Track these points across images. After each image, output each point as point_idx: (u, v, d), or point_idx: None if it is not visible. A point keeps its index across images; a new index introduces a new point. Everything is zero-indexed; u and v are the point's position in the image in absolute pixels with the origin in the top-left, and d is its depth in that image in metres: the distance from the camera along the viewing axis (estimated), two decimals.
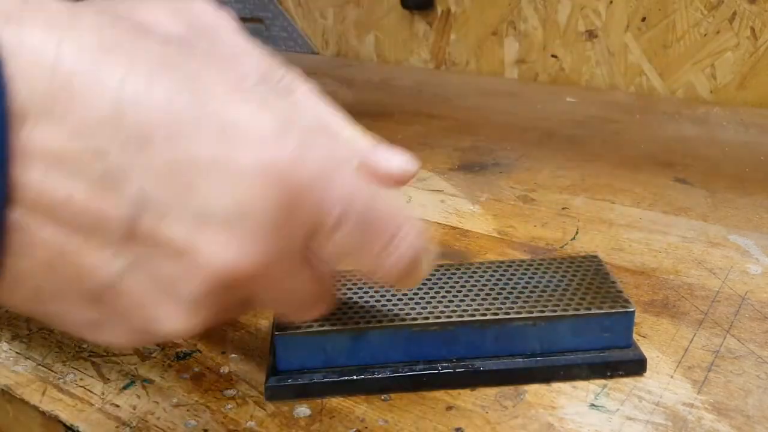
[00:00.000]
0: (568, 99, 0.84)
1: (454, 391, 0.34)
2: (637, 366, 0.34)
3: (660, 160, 0.64)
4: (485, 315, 0.33)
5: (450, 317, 0.33)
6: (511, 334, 0.34)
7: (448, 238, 0.50)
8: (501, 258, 0.46)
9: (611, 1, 0.85)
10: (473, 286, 0.36)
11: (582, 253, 0.44)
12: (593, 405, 0.33)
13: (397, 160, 0.26)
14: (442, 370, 0.34)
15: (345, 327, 0.33)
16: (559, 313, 0.33)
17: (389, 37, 1.04)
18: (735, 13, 0.78)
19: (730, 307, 0.40)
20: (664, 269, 0.44)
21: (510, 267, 0.37)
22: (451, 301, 0.34)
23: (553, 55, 0.91)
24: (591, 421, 0.32)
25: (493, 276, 0.37)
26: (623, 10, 0.85)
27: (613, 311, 0.34)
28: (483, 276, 0.37)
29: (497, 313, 0.33)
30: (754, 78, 0.79)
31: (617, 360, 0.34)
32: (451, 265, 0.38)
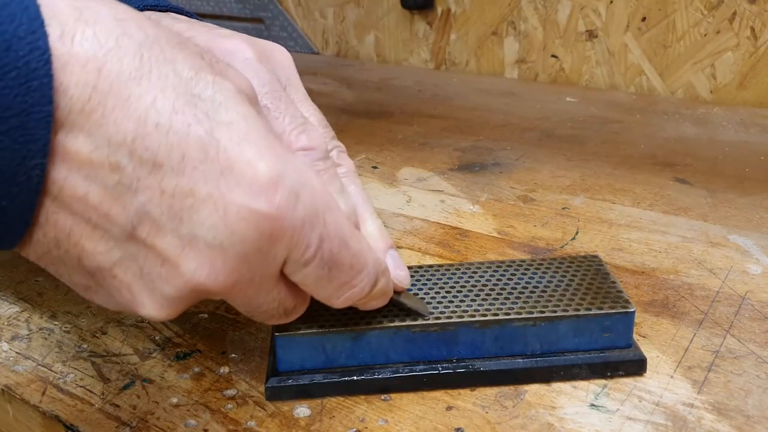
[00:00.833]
0: (568, 99, 0.84)
1: (454, 391, 0.34)
2: (637, 366, 0.34)
3: (660, 160, 0.64)
4: (485, 315, 0.33)
5: (450, 317, 0.33)
6: (511, 334, 0.34)
7: (448, 238, 0.50)
8: (501, 258, 0.46)
9: (611, 1, 0.85)
10: (473, 286, 0.36)
11: (582, 253, 0.44)
12: (593, 405, 0.33)
13: (402, 275, 0.33)
14: (442, 370, 0.34)
15: (345, 327, 0.33)
16: (559, 313, 0.33)
17: (389, 37, 1.04)
18: (735, 13, 0.78)
19: (730, 307, 0.40)
20: (664, 269, 0.44)
21: (510, 267, 0.37)
22: (451, 301, 0.34)
23: (553, 55, 0.91)
24: (591, 421, 0.32)
25: (493, 276, 0.37)
26: (623, 10, 0.85)
27: (614, 311, 0.34)
28: (483, 276, 0.37)
29: (497, 313, 0.33)
30: (754, 78, 0.79)
31: (617, 360, 0.34)
32: (451, 265, 0.38)
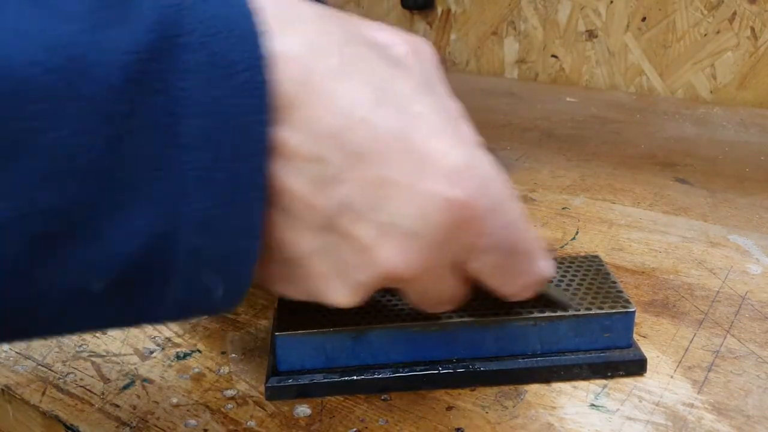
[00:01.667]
0: (568, 99, 0.84)
1: (454, 391, 0.34)
2: (637, 366, 0.34)
3: (660, 160, 0.64)
4: (485, 315, 0.33)
5: (450, 317, 0.33)
6: (512, 334, 0.34)
7: None
8: None
9: (611, 1, 0.85)
10: (473, 286, 0.36)
11: (582, 253, 0.44)
12: (593, 405, 0.33)
13: (550, 264, 0.32)
14: (442, 370, 0.34)
15: (345, 327, 0.33)
16: (559, 313, 0.33)
17: None
18: (735, 13, 0.78)
19: (730, 307, 0.40)
20: (664, 269, 0.44)
21: None
22: None
23: (553, 55, 0.91)
24: (591, 421, 0.32)
25: None
26: (623, 10, 0.85)
27: (614, 311, 0.34)
28: None
29: (497, 313, 0.33)
30: (754, 78, 0.79)
31: (617, 360, 0.34)
32: None
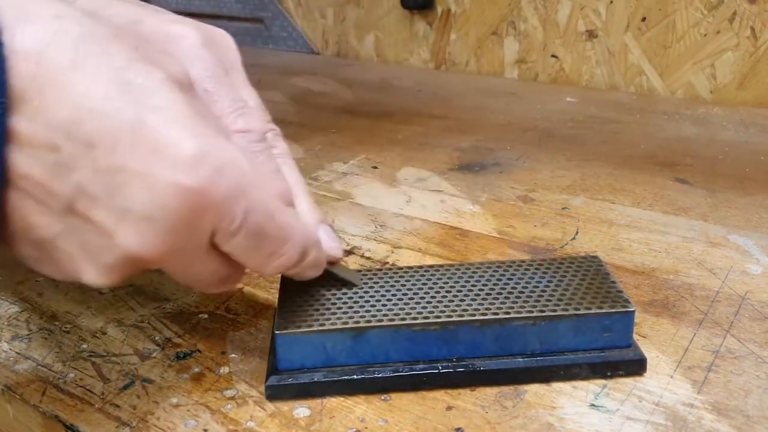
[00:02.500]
0: (568, 99, 0.84)
1: (454, 391, 0.34)
2: (637, 366, 0.34)
3: (660, 160, 0.64)
4: (485, 315, 0.33)
5: (450, 317, 0.33)
6: (511, 333, 0.34)
7: (448, 239, 0.50)
8: (501, 258, 0.46)
9: (611, 1, 0.85)
10: (473, 286, 0.36)
11: (582, 253, 0.44)
12: (593, 405, 0.33)
13: (334, 246, 0.35)
14: (442, 369, 0.34)
15: (345, 326, 0.33)
16: (559, 312, 0.33)
17: (389, 37, 1.04)
18: (735, 13, 0.78)
19: (730, 307, 0.40)
20: (664, 269, 0.44)
21: (510, 267, 0.37)
22: (451, 301, 0.34)
23: (553, 55, 0.91)
24: (591, 421, 0.32)
25: (493, 276, 0.37)
26: (623, 10, 0.85)
27: (613, 311, 0.34)
28: (483, 276, 0.37)
29: (497, 313, 0.33)
30: (754, 78, 0.79)
31: (617, 360, 0.34)
32: (451, 265, 0.38)
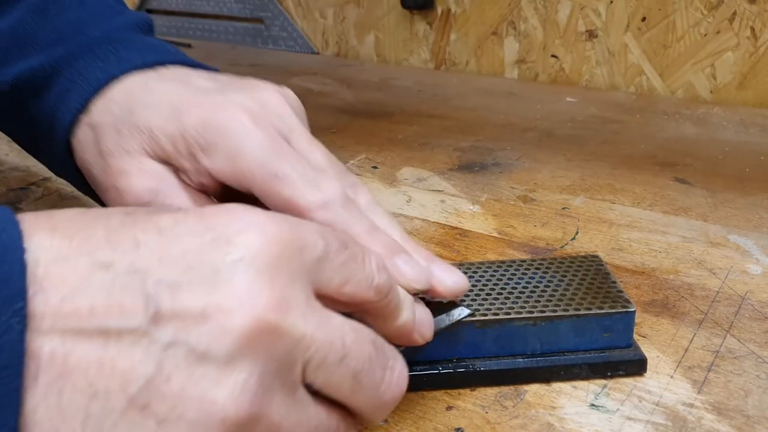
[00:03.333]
0: (568, 99, 0.84)
1: (454, 391, 0.34)
2: (637, 366, 0.34)
3: (660, 160, 0.64)
4: (485, 315, 0.33)
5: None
6: (512, 333, 0.34)
7: (448, 238, 0.50)
8: (501, 258, 0.46)
9: (611, 1, 0.85)
10: (473, 286, 0.36)
11: (582, 253, 0.44)
12: (593, 405, 0.33)
13: (451, 279, 0.31)
14: (442, 370, 0.34)
15: None
16: (559, 313, 0.33)
17: (389, 37, 1.04)
18: (735, 13, 0.78)
19: (730, 307, 0.40)
20: (664, 269, 0.44)
21: (510, 267, 0.37)
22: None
23: (553, 55, 0.91)
24: (591, 421, 0.32)
25: (493, 276, 0.37)
26: (623, 10, 0.85)
27: (614, 311, 0.34)
28: (483, 276, 0.37)
29: (497, 313, 0.33)
30: (754, 78, 0.79)
31: (617, 360, 0.34)
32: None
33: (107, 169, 0.33)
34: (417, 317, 0.29)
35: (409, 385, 0.33)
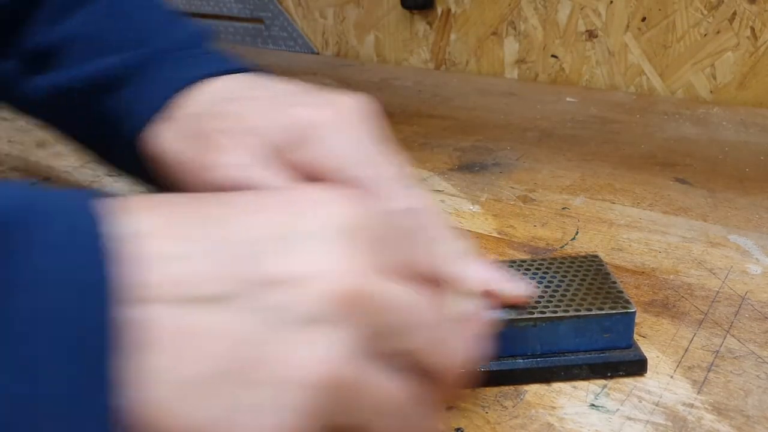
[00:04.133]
0: (568, 99, 0.84)
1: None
2: (637, 366, 0.34)
3: (660, 160, 0.64)
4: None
5: None
6: (512, 334, 0.34)
7: None
8: (501, 258, 0.46)
9: (611, 1, 0.85)
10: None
11: (582, 253, 0.44)
12: (593, 405, 0.33)
13: (515, 288, 0.33)
14: None
15: None
16: (559, 314, 0.33)
17: (389, 37, 1.04)
18: (735, 13, 0.78)
19: (730, 307, 0.40)
20: (664, 269, 0.45)
21: (510, 267, 0.37)
22: None
23: (553, 55, 0.91)
24: (591, 421, 0.32)
25: None
26: (623, 10, 0.85)
27: (614, 312, 0.34)
28: None
29: (497, 313, 0.33)
30: (754, 78, 0.79)
31: (617, 360, 0.34)
32: None
33: (201, 150, 0.34)
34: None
35: None
